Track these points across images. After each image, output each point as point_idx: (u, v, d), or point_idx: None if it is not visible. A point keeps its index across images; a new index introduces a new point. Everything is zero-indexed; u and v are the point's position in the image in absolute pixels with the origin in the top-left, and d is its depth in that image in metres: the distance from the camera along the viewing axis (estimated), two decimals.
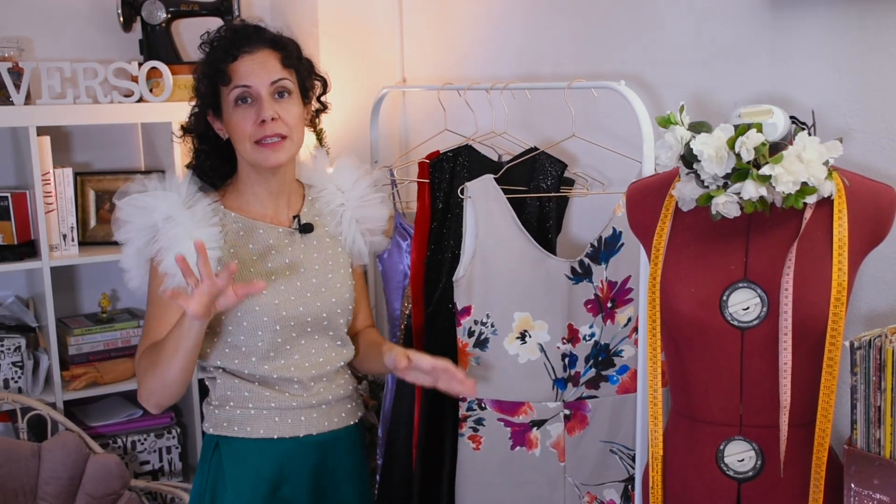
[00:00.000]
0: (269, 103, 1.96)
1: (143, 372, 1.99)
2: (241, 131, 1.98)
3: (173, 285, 1.90)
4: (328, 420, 2.08)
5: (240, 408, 2.03)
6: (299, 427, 2.04)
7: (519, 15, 2.74)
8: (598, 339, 2.24)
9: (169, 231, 1.92)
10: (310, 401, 2.04)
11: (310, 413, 2.05)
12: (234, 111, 1.98)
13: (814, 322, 1.59)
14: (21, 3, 3.08)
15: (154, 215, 1.94)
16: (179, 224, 1.92)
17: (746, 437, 1.69)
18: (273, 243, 2.04)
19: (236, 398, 2.03)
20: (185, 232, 1.91)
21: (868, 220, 1.64)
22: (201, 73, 2.03)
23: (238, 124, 1.97)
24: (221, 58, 1.98)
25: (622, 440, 2.28)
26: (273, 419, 2.02)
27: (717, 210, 1.64)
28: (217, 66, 1.98)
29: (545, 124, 2.56)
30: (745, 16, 2.07)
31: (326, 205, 2.17)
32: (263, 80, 1.97)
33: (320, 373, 2.06)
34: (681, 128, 1.70)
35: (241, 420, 2.02)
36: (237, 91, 1.97)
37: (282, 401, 2.02)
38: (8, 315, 3.04)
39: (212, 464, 2.05)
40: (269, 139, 1.97)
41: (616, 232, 2.19)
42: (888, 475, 1.49)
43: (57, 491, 2.66)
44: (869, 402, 1.50)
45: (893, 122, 1.82)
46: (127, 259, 2.01)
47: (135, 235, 1.97)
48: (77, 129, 3.17)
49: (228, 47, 1.99)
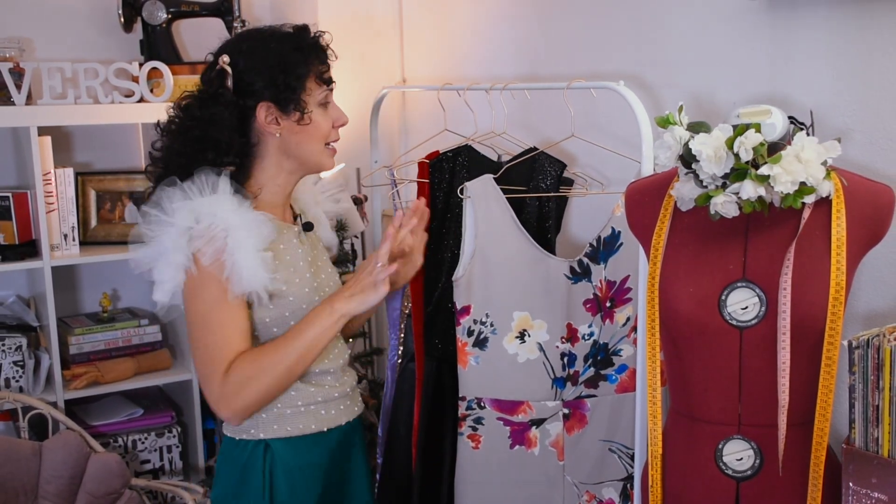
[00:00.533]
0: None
1: (247, 380, 1.88)
2: (323, 132, 2.00)
3: (242, 289, 1.86)
4: (357, 406, 2.13)
5: (289, 407, 1.99)
6: (341, 416, 2.07)
7: (518, 15, 2.74)
8: (597, 339, 2.24)
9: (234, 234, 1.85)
10: (344, 389, 2.07)
11: (345, 401, 2.08)
12: (318, 111, 1.98)
13: (812, 321, 1.59)
14: (22, 3, 3.08)
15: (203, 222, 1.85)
16: (237, 228, 1.86)
17: (745, 437, 1.69)
18: (296, 242, 2.05)
19: (283, 399, 1.99)
20: (246, 236, 1.86)
21: (866, 220, 1.64)
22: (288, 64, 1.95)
23: (322, 125, 1.99)
24: (322, 57, 2.00)
25: (621, 439, 2.28)
26: (320, 413, 2.03)
27: (716, 210, 1.64)
28: (317, 63, 1.98)
29: (544, 124, 2.56)
30: (743, 16, 2.07)
31: (304, 204, 2.21)
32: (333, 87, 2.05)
33: (343, 363, 2.10)
34: (679, 128, 1.70)
35: (292, 419, 2.00)
36: (327, 93, 2.00)
37: (325, 393, 2.03)
38: (9, 314, 3.05)
39: (265, 468, 2.00)
40: (334, 143, 2.03)
41: (615, 232, 2.19)
42: (886, 474, 1.48)
43: (58, 490, 2.66)
44: (867, 402, 1.50)
45: (891, 122, 1.82)
46: (167, 269, 1.88)
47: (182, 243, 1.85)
48: (78, 129, 3.18)
49: (322, 47, 2.00)
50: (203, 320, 1.89)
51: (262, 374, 1.89)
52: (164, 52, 3.10)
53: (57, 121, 2.87)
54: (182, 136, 1.95)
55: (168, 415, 3.15)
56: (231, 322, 1.88)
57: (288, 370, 1.91)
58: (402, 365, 2.56)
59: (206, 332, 1.89)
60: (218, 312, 1.88)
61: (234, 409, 1.90)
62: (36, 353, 2.93)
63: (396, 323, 2.60)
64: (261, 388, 1.89)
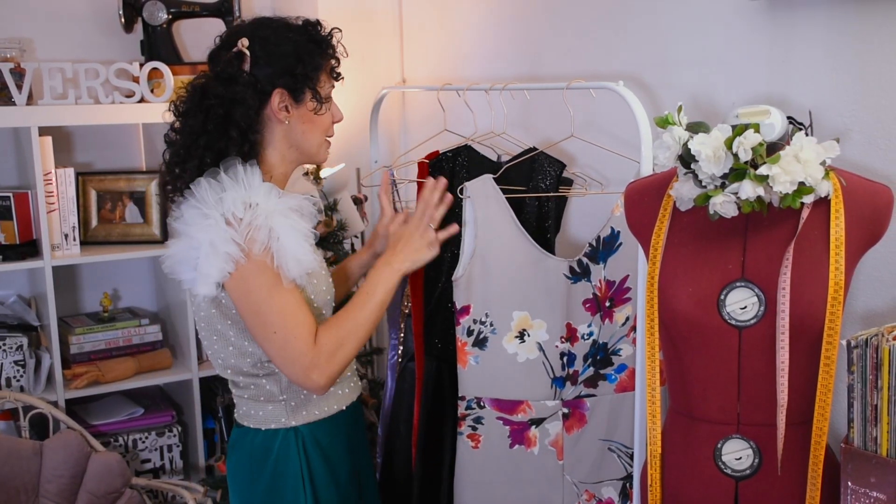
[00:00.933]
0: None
1: (336, 345, 1.92)
2: (325, 125, 2.03)
3: (295, 273, 1.88)
4: (358, 384, 2.18)
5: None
6: (353, 392, 2.13)
7: (518, 16, 2.74)
8: (596, 338, 2.24)
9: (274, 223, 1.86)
10: (353, 365, 2.15)
11: (354, 378, 2.15)
12: (321, 106, 2.00)
13: (811, 321, 1.59)
14: (23, 4, 3.08)
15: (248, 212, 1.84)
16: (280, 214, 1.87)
17: (744, 436, 1.69)
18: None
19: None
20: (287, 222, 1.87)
21: (865, 220, 1.64)
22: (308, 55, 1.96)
23: (325, 119, 2.02)
24: (334, 54, 2.03)
25: (620, 438, 2.28)
26: (337, 393, 2.08)
27: (715, 210, 1.64)
28: (330, 58, 2.01)
29: (544, 124, 2.56)
30: (742, 17, 2.07)
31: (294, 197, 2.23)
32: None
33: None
34: (679, 128, 1.70)
35: (318, 403, 2.05)
36: (332, 88, 2.04)
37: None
38: (10, 314, 3.05)
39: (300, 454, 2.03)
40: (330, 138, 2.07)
41: (614, 231, 2.19)
42: (885, 473, 1.48)
43: (59, 489, 2.66)
44: (866, 401, 1.50)
45: (890, 122, 1.82)
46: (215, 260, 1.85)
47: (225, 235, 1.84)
48: (79, 129, 3.18)
49: (334, 44, 2.03)
50: (269, 306, 1.88)
51: (349, 338, 1.94)
52: (164, 52, 3.10)
53: (58, 121, 2.87)
54: (204, 115, 1.92)
55: (168, 414, 3.15)
56: (297, 302, 1.90)
57: (367, 332, 1.99)
58: (402, 364, 2.56)
59: (279, 315, 1.88)
60: (280, 296, 1.88)
61: (331, 374, 1.92)
62: (37, 353, 2.93)
63: (396, 322, 2.60)
64: (349, 351, 1.95)
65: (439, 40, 3.09)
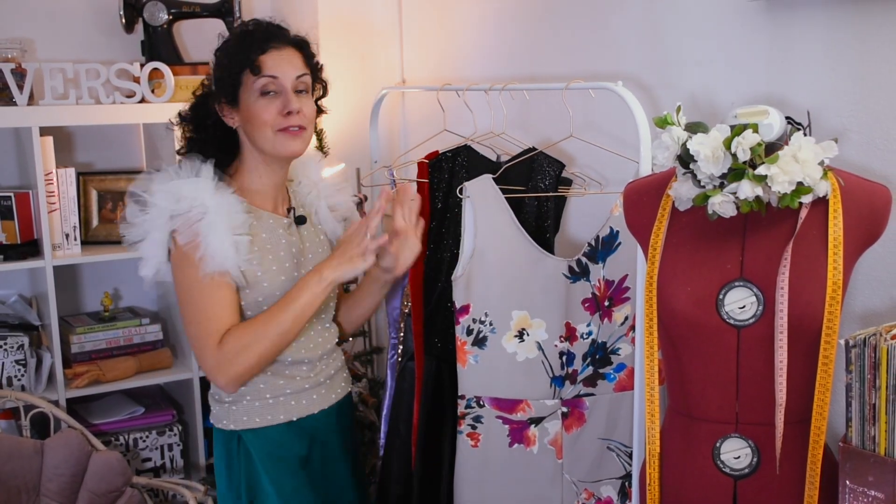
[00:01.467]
0: (292, 96, 2.05)
1: (242, 348, 1.98)
2: (263, 120, 2.04)
3: (212, 268, 1.95)
4: (334, 393, 2.21)
5: (258, 400, 2.09)
6: (313, 405, 2.14)
7: (517, 16, 2.74)
8: (595, 338, 2.24)
9: (209, 217, 1.95)
10: (318, 379, 2.15)
11: (319, 390, 2.16)
12: (258, 101, 2.04)
13: (809, 320, 1.59)
14: (24, 4, 3.08)
15: (182, 203, 1.96)
16: (213, 211, 1.96)
17: (742, 435, 1.69)
18: (282, 232, 2.12)
19: (252, 392, 2.09)
20: (221, 220, 1.96)
21: (863, 220, 1.63)
22: (226, 60, 2.06)
23: (261, 113, 2.03)
24: (253, 48, 2.04)
25: (619, 437, 2.28)
26: (290, 403, 2.11)
27: (714, 210, 1.64)
28: (248, 55, 2.03)
29: (543, 125, 2.56)
30: (741, 17, 2.07)
31: (307, 196, 2.27)
32: (290, 74, 2.05)
33: (322, 352, 2.17)
34: (677, 128, 1.70)
35: (260, 411, 2.09)
36: (264, 81, 2.03)
37: (294, 385, 2.11)
38: (11, 314, 3.04)
39: (240, 458, 2.10)
40: (292, 128, 2.05)
41: (613, 231, 2.19)
42: (883, 472, 1.48)
43: (59, 488, 2.66)
44: (864, 400, 1.50)
45: (888, 122, 1.82)
46: (150, 246, 2.00)
47: (162, 222, 1.98)
48: (79, 129, 3.17)
49: (260, 40, 2.05)
50: (189, 296, 1.99)
51: (256, 341, 1.98)
52: (165, 52, 3.10)
53: (59, 121, 2.87)
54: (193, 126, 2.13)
55: (169, 413, 3.15)
56: (216, 297, 1.98)
57: (280, 336, 2.00)
58: (402, 364, 2.56)
59: (194, 307, 1.99)
60: (200, 288, 1.98)
61: (230, 376, 1.99)
62: (38, 352, 2.93)
63: (396, 322, 2.60)
64: (255, 354, 1.98)
65: (439, 41, 3.09)
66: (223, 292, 1.98)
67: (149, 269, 2.02)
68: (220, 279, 1.97)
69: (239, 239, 1.98)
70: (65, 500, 2.66)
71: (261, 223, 2.08)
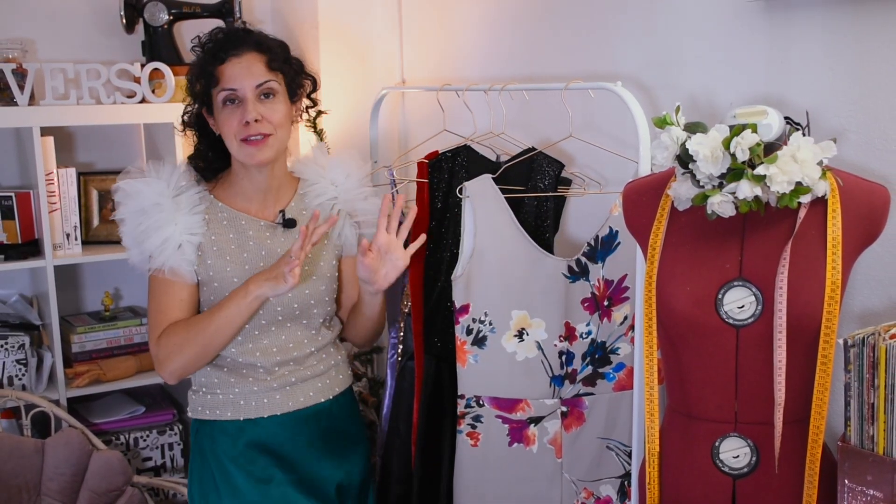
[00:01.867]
0: (253, 105, 2.06)
1: (174, 347, 2.07)
2: (227, 130, 2.08)
3: (157, 265, 2.06)
4: (292, 400, 2.17)
5: (210, 393, 2.16)
6: (262, 409, 2.14)
7: (517, 17, 2.74)
8: (594, 337, 2.24)
9: (154, 216, 2.05)
10: (271, 384, 2.15)
11: (272, 395, 2.15)
12: (223, 111, 2.08)
13: (808, 320, 1.59)
14: (25, 5, 3.08)
15: (142, 200, 2.07)
16: (164, 210, 2.05)
17: (741, 434, 1.69)
18: (252, 234, 2.14)
19: (208, 384, 2.16)
20: (169, 217, 2.05)
21: (862, 220, 1.63)
22: (194, 74, 2.13)
23: (225, 123, 2.08)
24: (210, 60, 2.08)
25: (618, 437, 2.28)
26: (238, 403, 2.14)
27: (713, 209, 1.64)
28: (206, 68, 2.08)
29: (543, 125, 2.56)
30: (740, 18, 2.07)
31: (317, 198, 2.24)
32: (249, 84, 2.06)
33: (286, 358, 2.16)
34: (677, 128, 1.70)
35: (212, 405, 2.15)
36: (224, 93, 2.07)
37: (244, 386, 2.14)
38: (12, 313, 3.04)
39: (197, 445, 2.20)
40: (252, 137, 2.06)
41: (612, 231, 2.19)
42: (881, 471, 1.48)
43: (60, 487, 2.66)
44: (862, 399, 1.50)
45: (887, 122, 1.82)
46: (126, 237, 2.13)
47: (128, 217, 2.09)
48: (80, 129, 3.17)
49: (216, 50, 2.08)
50: (149, 292, 2.13)
51: (186, 343, 2.06)
52: (165, 53, 3.10)
53: (59, 121, 2.87)
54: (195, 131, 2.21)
55: (169, 413, 3.14)
56: (164, 293, 2.09)
57: (207, 341, 2.06)
58: (402, 363, 2.56)
59: (149, 299, 2.13)
60: (153, 284, 2.11)
61: (168, 370, 2.10)
62: (38, 352, 2.93)
63: (396, 322, 2.60)
64: (186, 355, 2.07)
65: (438, 41, 3.09)
66: (170, 288, 2.08)
67: (133, 258, 2.14)
68: (169, 276, 2.06)
69: (188, 239, 2.06)
70: (66, 499, 2.66)
71: (232, 224, 2.13)
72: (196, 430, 2.21)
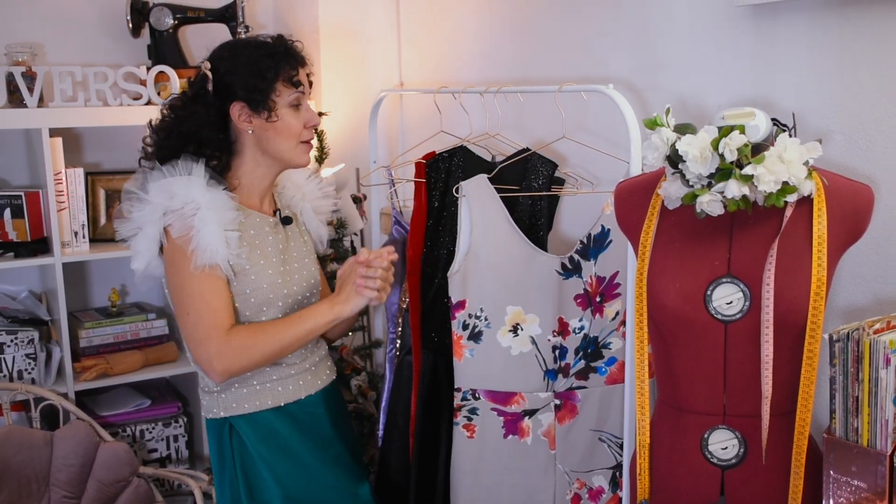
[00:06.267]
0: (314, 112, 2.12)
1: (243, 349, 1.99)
2: (293, 131, 2.08)
3: (203, 261, 1.97)
4: (319, 379, 2.19)
5: (245, 386, 2.10)
6: (300, 390, 2.14)
7: (512, 21, 2.74)
8: (587, 332, 2.24)
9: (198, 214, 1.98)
10: (304, 365, 2.15)
11: (305, 376, 2.16)
12: (288, 112, 2.07)
13: (794, 316, 1.59)
14: (34, 9, 3.07)
15: (175, 200, 1.98)
16: (205, 207, 1.99)
17: (730, 426, 1.69)
18: (268, 230, 2.14)
19: (239, 379, 2.09)
20: (213, 216, 1.99)
21: (846, 218, 1.63)
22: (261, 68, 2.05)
23: (292, 125, 2.08)
24: (292, 63, 2.08)
25: (610, 429, 2.27)
26: (277, 389, 2.11)
27: (702, 208, 1.64)
28: (286, 68, 2.06)
29: (537, 126, 2.56)
30: (728, 23, 2.06)
31: (290, 199, 2.28)
32: (307, 92, 2.12)
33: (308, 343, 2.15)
34: (667, 129, 1.70)
35: (248, 397, 2.10)
36: (297, 95, 2.08)
37: (281, 371, 2.11)
38: (22, 309, 3.03)
39: (233, 446, 2.12)
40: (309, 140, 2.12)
41: (604, 229, 2.18)
42: (865, 462, 1.48)
43: (69, 478, 2.65)
44: (847, 393, 1.50)
45: (870, 123, 1.82)
46: (142, 240, 2.03)
47: (156, 218, 2.00)
48: (88, 130, 3.16)
49: (297, 56, 2.10)
50: (184, 289, 2.01)
51: (260, 344, 2.01)
52: (170, 56, 3.09)
53: (68, 122, 2.86)
54: (167, 131, 2.08)
55: (174, 405, 3.14)
56: (211, 289, 2.01)
57: (281, 349, 2.03)
58: (400, 357, 2.56)
59: (191, 298, 2.01)
60: (198, 280, 2.00)
61: (228, 368, 2.00)
62: (47, 346, 2.92)
63: (394, 317, 2.59)
64: (255, 356, 2.01)
65: (436, 45, 3.08)
66: (218, 284, 2.01)
67: (140, 263, 2.04)
68: (211, 272, 1.99)
69: (229, 234, 2.00)
70: (73, 490, 2.66)
71: (249, 220, 2.10)
72: (228, 430, 2.11)
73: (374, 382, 3.08)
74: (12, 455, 2.61)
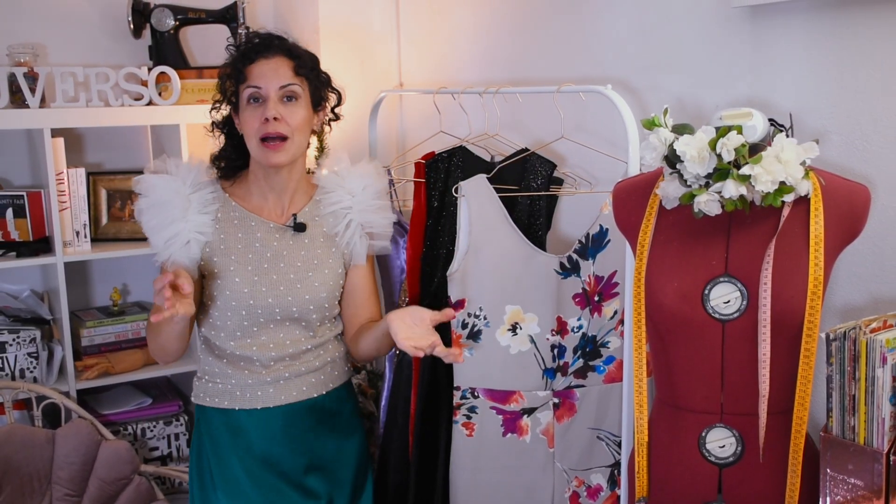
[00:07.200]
0: (274, 104, 2.04)
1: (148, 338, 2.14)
2: (249, 128, 2.06)
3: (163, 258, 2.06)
4: (285, 394, 2.14)
5: (211, 382, 2.16)
6: (255, 401, 2.13)
7: (511, 22, 2.73)
8: (585, 331, 2.23)
9: (167, 211, 2.05)
10: (265, 378, 2.12)
11: (265, 389, 2.13)
12: (246, 108, 2.06)
13: (791, 315, 1.59)
14: (36, 10, 3.07)
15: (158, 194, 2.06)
16: (176, 207, 2.05)
17: (727, 425, 1.69)
18: (260, 236, 2.12)
19: (209, 373, 2.16)
20: (180, 214, 2.05)
21: (843, 218, 1.63)
22: (225, 72, 2.11)
23: (247, 121, 2.05)
24: (241, 59, 2.07)
25: (609, 427, 2.27)
26: (234, 393, 2.13)
27: (700, 208, 1.63)
28: (237, 66, 2.07)
29: (536, 126, 2.55)
30: (725, 24, 2.06)
31: (331, 206, 2.17)
32: (273, 84, 2.04)
33: (282, 353, 2.12)
34: (665, 130, 1.69)
35: (212, 392, 2.15)
36: (250, 90, 2.05)
37: (240, 377, 2.13)
38: (24, 308, 3.03)
39: (197, 430, 2.22)
40: (270, 138, 2.03)
41: (603, 229, 2.18)
42: (862, 460, 1.48)
43: (70, 476, 2.65)
44: (844, 391, 1.50)
45: (866, 124, 1.81)
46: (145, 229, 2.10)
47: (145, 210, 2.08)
48: (89, 130, 3.16)
49: (248, 51, 2.08)
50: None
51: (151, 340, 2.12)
52: (171, 57, 3.08)
53: (69, 123, 2.85)
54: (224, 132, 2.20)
55: (175, 404, 3.14)
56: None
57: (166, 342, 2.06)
58: (400, 356, 2.55)
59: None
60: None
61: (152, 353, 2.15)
62: (49, 345, 2.92)
63: None
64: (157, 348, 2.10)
65: (435, 46, 3.08)
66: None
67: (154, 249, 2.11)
68: (172, 268, 2.03)
69: (195, 237, 2.06)
70: (75, 488, 2.66)
71: (242, 224, 2.11)
72: (197, 417, 2.22)
73: (374, 381, 3.08)
74: (14, 453, 2.61)
